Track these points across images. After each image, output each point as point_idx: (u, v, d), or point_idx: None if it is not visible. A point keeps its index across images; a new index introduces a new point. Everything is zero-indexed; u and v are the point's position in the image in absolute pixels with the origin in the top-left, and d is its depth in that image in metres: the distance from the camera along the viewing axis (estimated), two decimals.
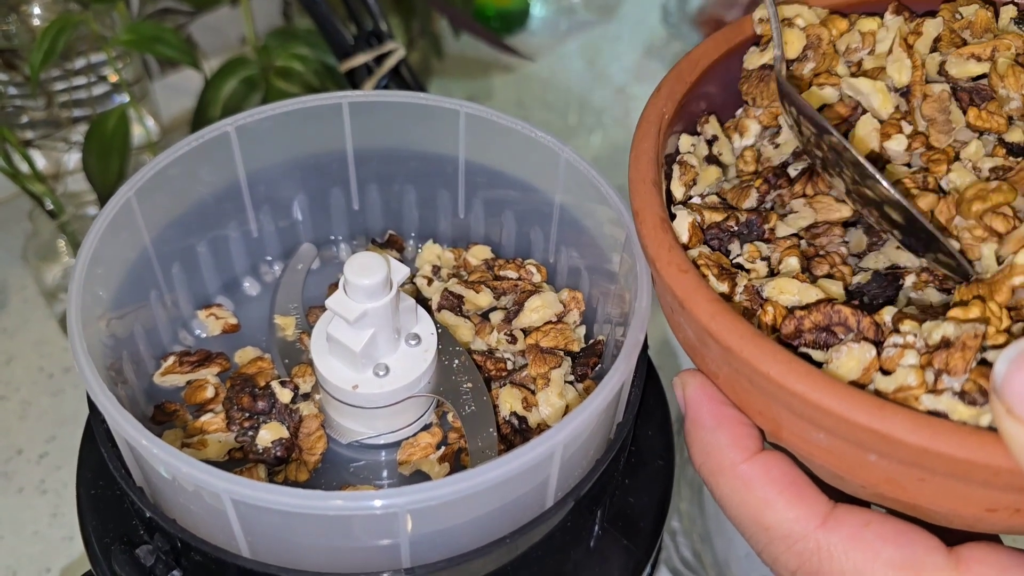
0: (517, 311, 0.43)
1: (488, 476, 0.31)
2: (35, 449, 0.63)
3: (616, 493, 0.40)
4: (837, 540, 0.30)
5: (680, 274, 0.31)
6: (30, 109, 0.66)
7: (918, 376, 0.28)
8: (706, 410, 0.32)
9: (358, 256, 0.37)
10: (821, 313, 0.31)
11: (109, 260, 0.38)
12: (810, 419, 0.28)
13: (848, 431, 0.27)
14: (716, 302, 0.30)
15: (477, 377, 0.40)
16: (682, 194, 0.37)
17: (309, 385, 0.41)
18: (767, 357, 0.28)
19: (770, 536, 0.31)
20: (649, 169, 0.34)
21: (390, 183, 0.47)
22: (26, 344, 0.68)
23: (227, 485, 0.30)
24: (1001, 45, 0.36)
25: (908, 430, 0.26)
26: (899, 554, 0.29)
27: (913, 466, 0.27)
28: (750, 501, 0.31)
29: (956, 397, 0.28)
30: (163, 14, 0.72)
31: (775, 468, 0.31)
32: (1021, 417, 0.25)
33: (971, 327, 0.28)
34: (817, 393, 0.27)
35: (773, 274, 0.34)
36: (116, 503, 0.38)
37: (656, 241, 0.32)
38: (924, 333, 0.29)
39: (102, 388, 0.33)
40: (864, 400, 0.27)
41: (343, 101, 0.44)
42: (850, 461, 0.29)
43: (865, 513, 0.30)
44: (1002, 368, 0.26)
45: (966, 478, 0.27)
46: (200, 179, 0.42)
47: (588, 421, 0.33)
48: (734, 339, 0.29)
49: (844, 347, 0.30)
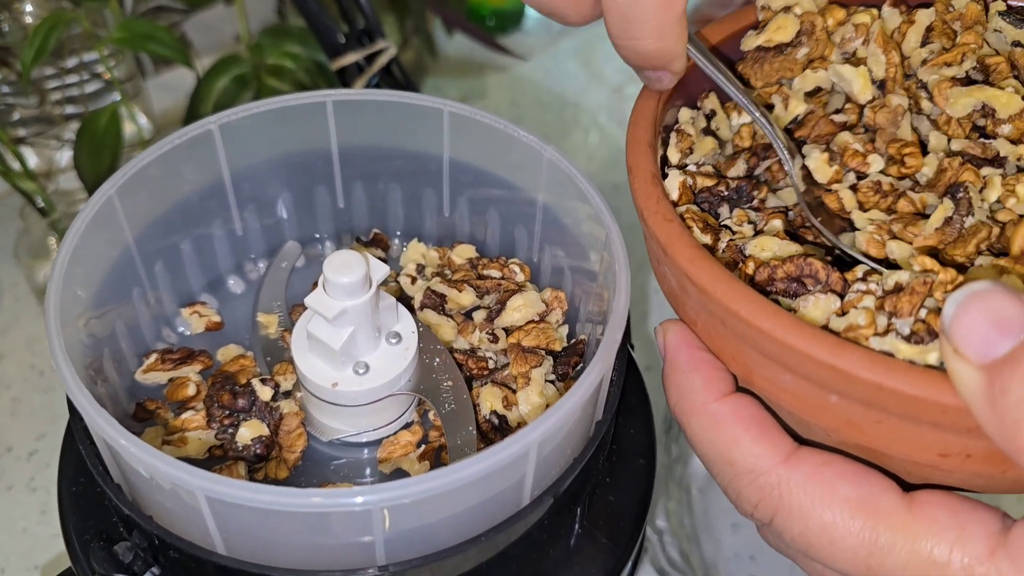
0: (499, 310, 0.43)
1: (463, 474, 0.31)
2: (25, 447, 0.63)
3: (596, 491, 0.40)
4: (797, 476, 0.31)
5: (665, 223, 0.33)
6: (22, 106, 0.67)
7: (867, 316, 0.30)
8: (683, 354, 0.34)
9: (337, 254, 0.37)
10: (794, 264, 0.32)
11: (90, 258, 0.39)
12: (776, 359, 0.30)
13: (810, 369, 0.29)
14: (696, 248, 0.32)
15: (458, 375, 0.40)
16: (677, 159, 0.38)
17: (290, 383, 0.41)
18: (738, 297, 0.30)
19: (735, 471, 0.32)
20: (646, 132, 0.37)
21: (375, 181, 0.47)
22: (17, 342, 0.68)
23: (201, 482, 0.30)
24: (963, 51, 0.37)
25: (863, 367, 0.28)
26: (855, 492, 0.30)
27: (870, 406, 0.29)
28: (718, 438, 0.33)
29: (901, 338, 0.29)
30: (157, 12, 0.72)
31: (744, 408, 0.33)
32: (966, 356, 0.26)
33: (922, 274, 0.30)
34: (781, 331, 0.29)
35: (759, 235, 0.35)
36: (97, 500, 0.38)
37: (646, 193, 0.34)
38: (882, 281, 0.31)
39: (78, 385, 0.33)
40: (824, 338, 0.29)
41: (327, 100, 0.44)
42: (814, 404, 0.31)
43: (826, 454, 0.31)
44: (950, 310, 0.27)
45: (917, 418, 0.28)
46: (184, 177, 0.43)
47: (564, 419, 0.33)
48: (709, 281, 0.31)
49: (812, 297, 0.31)
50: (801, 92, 0.39)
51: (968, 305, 0.27)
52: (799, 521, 0.31)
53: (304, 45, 0.69)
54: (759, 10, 0.40)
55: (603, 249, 0.39)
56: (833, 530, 0.30)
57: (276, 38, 0.70)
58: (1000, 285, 0.27)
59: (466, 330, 0.43)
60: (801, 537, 0.31)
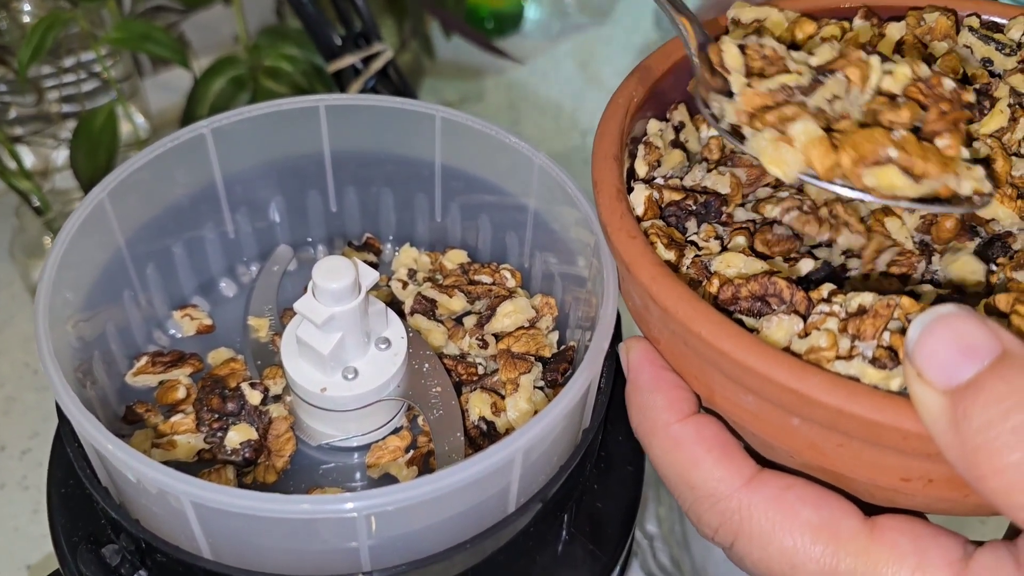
0: (490, 316, 0.43)
1: (448, 481, 0.31)
2: (18, 445, 0.63)
3: (584, 498, 0.40)
4: (758, 500, 0.31)
5: (628, 240, 0.33)
6: (19, 105, 0.67)
7: (829, 339, 0.29)
8: (646, 373, 0.34)
9: (326, 260, 0.37)
10: (758, 283, 0.32)
11: (80, 261, 0.39)
12: (738, 380, 0.30)
13: (771, 392, 0.29)
14: (659, 266, 0.32)
15: (446, 381, 0.40)
16: (645, 172, 0.38)
17: (280, 387, 0.41)
18: (700, 318, 0.30)
19: (695, 495, 0.32)
20: (612, 145, 0.36)
21: (367, 186, 0.47)
22: (11, 340, 0.68)
23: (187, 488, 0.30)
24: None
25: (825, 391, 0.27)
26: (816, 516, 0.30)
27: (832, 430, 0.29)
28: (679, 460, 0.32)
29: (866, 362, 0.29)
30: (155, 12, 0.72)
31: (705, 430, 0.32)
32: (930, 381, 0.26)
33: (886, 298, 0.30)
34: (742, 352, 0.29)
35: (725, 252, 0.35)
36: (85, 502, 0.38)
37: (610, 209, 0.34)
38: (846, 302, 0.30)
39: (66, 389, 0.33)
40: (785, 361, 0.28)
41: (320, 104, 0.44)
42: (776, 426, 0.30)
43: (788, 478, 0.31)
44: (915, 333, 0.27)
45: (879, 443, 0.28)
46: (176, 180, 0.43)
47: (550, 426, 0.33)
48: (671, 300, 0.30)
49: (775, 317, 0.31)
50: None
51: (933, 328, 0.26)
52: (760, 546, 0.31)
53: (301, 47, 0.69)
54: (729, 23, 0.40)
55: (592, 255, 0.39)
56: (794, 555, 0.30)
57: (274, 40, 0.70)
58: (967, 310, 0.26)
59: (456, 335, 0.43)
60: (762, 562, 0.31)
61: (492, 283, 0.45)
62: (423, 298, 0.44)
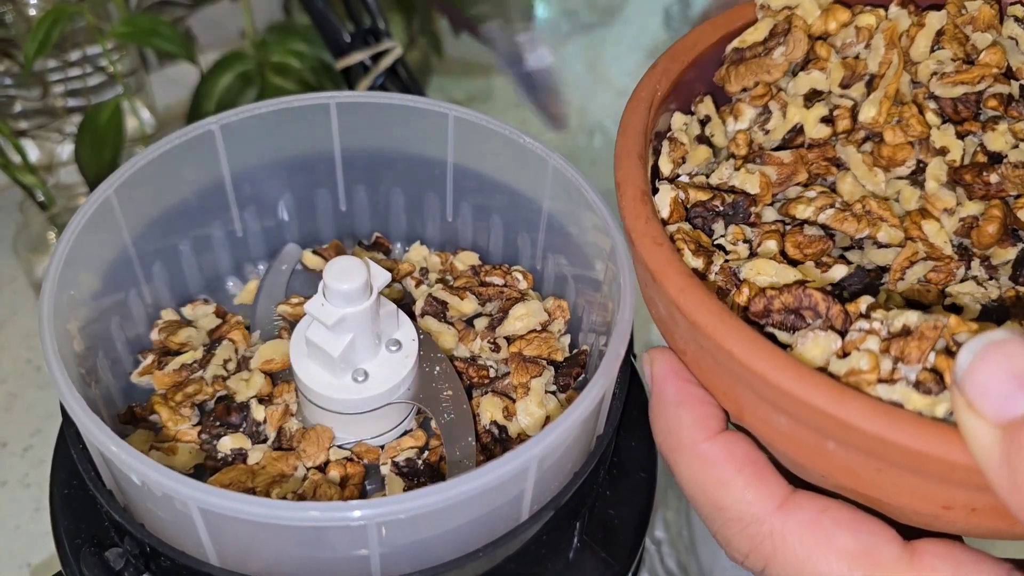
0: (501, 318, 0.42)
1: (461, 489, 0.30)
2: (20, 442, 0.62)
3: (596, 505, 0.39)
4: (793, 525, 0.29)
5: (654, 247, 0.31)
6: (24, 99, 0.66)
7: (871, 360, 0.28)
8: (671, 387, 0.32)
9: (337, 260, 0.36)
10: (792, 295, 0.30)
11: (86, 258, 0.38)
12: (771, 401, 0.28)
13: (807, 416, 0.27)
14: (686, 276, 0.30)
15: (458, 385, 0.40)
16: (669, 171, 0.36)
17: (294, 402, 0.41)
18: (731, 334, 0.28)
19: (724, 517, 0.30)
20: (636, 142, 0.34)
21: (378, 185, 0.46)
22: (14, 336, 0.68)
23: (194, 493, 0.30)
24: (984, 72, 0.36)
25: (866, 417, 0.26)
26: (855, 542, 0.29)
27: (871, 456, 0.27)
28: (707, 481, 0.30)
29: (911, 387, 0.27)
30: (161, 7, 0.72)
31: (736, 448, 0.31)
32: (981, 412, 0.24)
33: (932, 318, 0.28)
34: (778, 374, 0.27)
35: (754, 257, 0.34)
36: (89, 504, 0.38)
37: (634, 213, 0.32)
38: (888, 320, 0.29)
39: (70, 389, 0.32)
40: (823, 384, 0.26)
41: (331, 102, 0.43)
42: (810, 448, 0.29)
43: (823, 500, 0.29)
44: (965, 360, 0.25)
45: (922, 471, 0.26)
46: (184, 177, 0.42)
47: (565, 435, 0.32)
48: (700, 314, 0.29)
49: (811, 333, 0.29)
50: (798, 97, 0.37)
51: (985, 356, 0.25)
52: (793, 573, 0.29)
53: (310, 43, 0.69)
54: (758, 9, 0.39)
55: (608, 259, 0.38)
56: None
57: (282, 35, 0.70)
58: (1020, 335, 0.25)
59: (467, 338, 0.42)
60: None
61: (504, 285, 0.44)
62: (434, 300, 0.43)
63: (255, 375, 0.40)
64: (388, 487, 0.38)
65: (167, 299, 0.44)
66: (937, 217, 0.34)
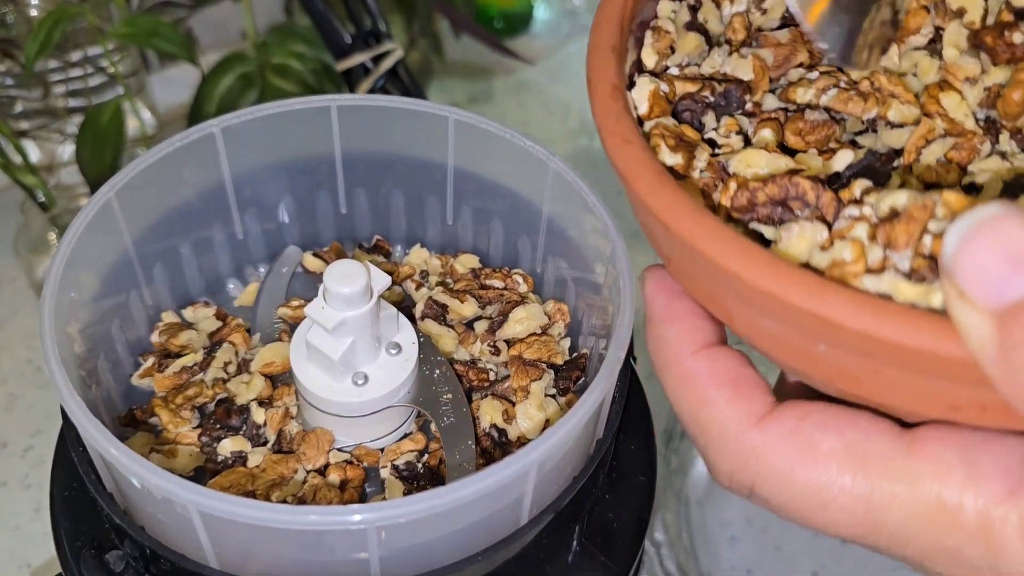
0: (501, 322, 0.42)
1: (460, 494, 0.30)
2: (20, 442, 0.62)
3: (595, 508, 0.39)
4: (772, 439, 0.27)
5: (623, 145, 0.28)
6: (25, 99, 0.66)
7: (855, 249, 0.25)
8: (659, 302, 0.30)
9: (338, 264, 0.36)
10: (777, 185, 0.27)
11: (87, 261, 0.38)
12: (752, 303, 0.26)
13: (789, 316, 0.25)
14: (658, 175, 0.27)
15: (458, 388, 0.40)
16: (654, 63, 0.32)
17: (294, 404, 0.41)
18: (703, 233, 0.25)
19: (707, 438, 0.28)
20: (610, 34, 0.31)
21: (378, 187, 0.47)
22: (15, 336, 0.68)
23: (194, 497, 0.30)
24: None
25: (849, 313, 0.23)
26: (839, 442, 0.26)
27: (864, 356, 0.25)
28: (690, 398, 0.28)
29: (901, 275, 0.24)
30: (163, 7, 0.72)
31: (720, 364, 0.28)
32: (974, 301, 0.21)
33: (922, 196, 0.24)
34: (753, 272, 0.24)
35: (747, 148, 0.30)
36: (89, 506, 0.38)
37: (604, 110, 0.29)
38: (877, 204, 0.26)
39: (72, 394, 0.32)
40: (802, 280, 0.24)
41: (332, 104, 0.43)
42: (801, 353, 0.26)
43: (805, 406, 0.27)
44: (952, 242, 0.22)
45: (920, 369, 0.24)
46: (185, 180, 0.42)
47: (564, 439, 0.32)
48: (671, 214, 0.26)
49: (795, 225, 0.26)
50: None
51: (975, 237, 0.22)
52: (782, 487, 0.27)
53: (311, 45, 0.69)
54: None
55: (608, 263, 0.39)
56: (822, 490, 0.26)
57: (283, 37, 0.70)
58: (1015, 210, 0.22)
59: (467, 341, 0.42)
60: (790, 504, 0.27)
61: (504, 288, 0.44)
62: (434, 303, 0.43)
63: (255, 378, 0.40)
64: (388, 490, 0.38)
65: (168, 301, 0.44)
66: (958, 88, 0.30)
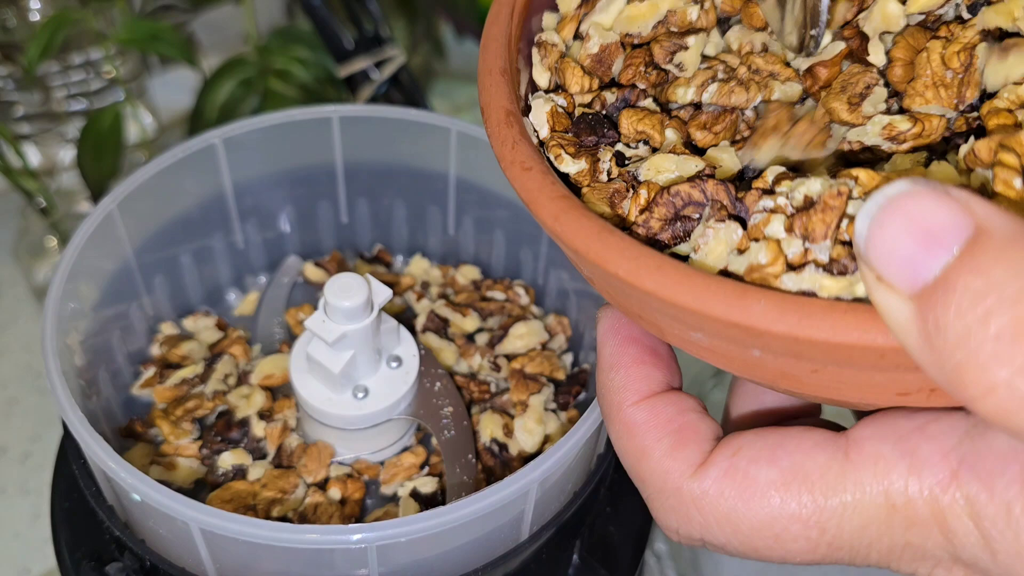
0: (502, 336, 0.42)
1: (461, 513, 0.30)
2: (19, 448, 0.62)
3: (596, 523, 0.39)
4: (710, 483, 0.26)
5: (523, 173, 0.27)
6: (26, 103, 0.66)
7: (770, 251, 0.23)
8: (607, 348, 0.29)
9: (339, 277, 0.36)
10: (662, 205, 0.26)
11: (89, 272, 0.38)
12: (676, 318, 0.24)
13: (715, 328, 0.23)
14: (561, 199, 0.26)
15: (459, 401, 0.40)
16: (547, 81, 0.30)
17: (294, 418, 0.40)
18: (614, 254, 0.24)
19: (648, 491, 0.27)
20: (498, 56, 0.29)
21: (380, 198, 0.46)
22: (14, 341, 0.68)
23: (195, 514, 0.30)
24: None
25: (770, 319, 0.22)
26: (776, 471, 0.25)
27: (797, 358, 0.23)
28: (629, 449, 0.27)
29: (820, 270, 0.23)
30: (164, 10, 0.72)
31: (661, 413, 0.27)
32: (893, 283, 0.20)
33: (836, 183, 0.23)
34: (668, 289, 0.23)
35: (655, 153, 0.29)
36: (89, 517, 0.38)
37: (499, 138, 0.28)
38: (791, 193, 0.24)
39: (73, 408, 0.32)
40: (720, 289, 0.23)
41: (334, 115, 0.43)
42: (739, 360, 0.25)
43: (737, 439, 0.26)
44: (863, 227, 0.21)
45: (856, 364, 0.23)
46: (186, 190, 0.42)
47: (565, 457, 0.32)
48: (580, 239, 0.25)
49: (709, 229, 0.25)
50: None
51: (883, 219, 0.21)
52: (731, 533, 0.26)
53: (313, 49, 0.68)
54: None
55: None
56: (772, 525, 0.25)
57: (285, 41, 0.69)
58: (922, 183, 0.20)
59: (468, 353, 0.42)
60: (745, 546, 0.26)
61: (505, 300, 0.44)
62: (436, 316, 0.43)
63: (255, 391, 0.40)
64: (402, 509, 0.38)
65: (168, 311, 0.44)
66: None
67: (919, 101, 0.26)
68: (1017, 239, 0.19)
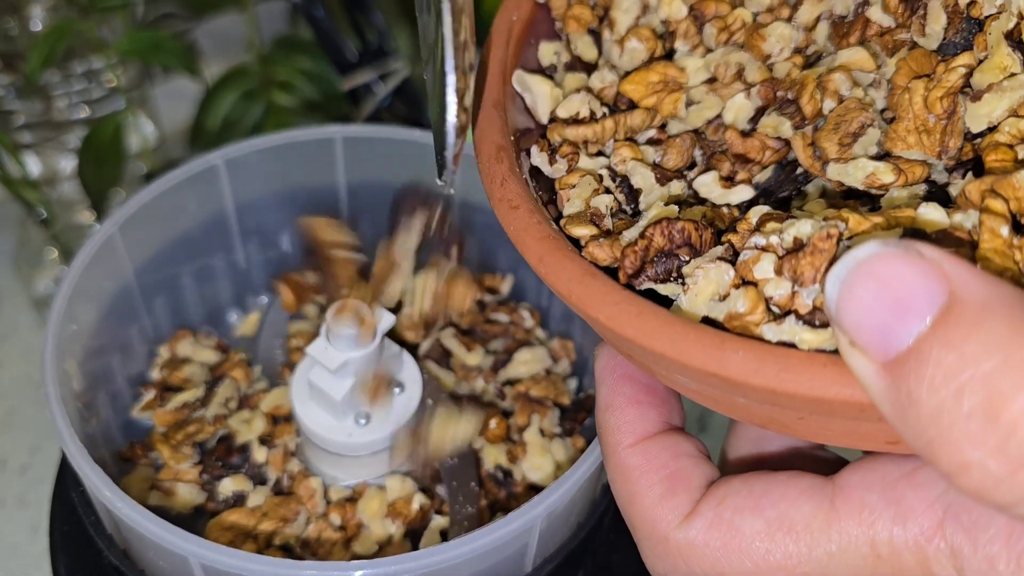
0: (506, 360, 0.42)
1: (464, 549, 0.30)
2: (18, 460, 0.62)
3: (600, 551, 0.39)
4: (696, 534, 0.26)
5: (510, 211, 0.26)
6: (27, 112, 0.66)
7: (749, 299, 0.23)
8: (604, 388, 0.29)
9: (341, 303, 0.36)
10: (633, 252, 0.25)
11: (89, 294, 0.38)
12: (659, 364, 0.24)
13: (697, 376, 0.23)
14: (546, 240, 0.25)
15: None
16: (548, 114, 0.30)
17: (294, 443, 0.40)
18: (595, 299, 0.24)
19: (638, 536, 0.27)
20: (493, 89, 0.29)
21: (382, 217, 0.46)
22: (13, 352, 0.67)
23: (196, 549, 0.30)
24: None
25: (748, 372, 0.22)
26: (761, 521, 0.25)
27: (781, 407, 0.23)
28: (623, 492, 0.27)
29: (801, 322, 0.22)
30: (166, 19, 0.71)
31: (656, 457, 0.27)
32: (865, 347, 0.20)
33: (827, 225, 0.23)
34: (648, 337, 0.23)
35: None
36: (88, 543, 0.37)
37: (489, 175, 0.27)
38: (782, 233, 0.24)
39: (73, 440, 0.32)
40: (699, 339, 0.22)
41: (337, 135, 0.43)
42: (725, 404, 0.25)
43: (723, 488, 0.26)
44: (833, 291, 0.20)
45: (840, 415, 0.22)
46: (188, 212, 0.42)
47: (571, 491, 0.32)
48: (562, 282, 0.25)
49: (698, 270, 0.24)
50: None
51: (853, 284, 0.20)
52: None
53: (316, 60, 0.68)
54: None
55: None
56: (759, 573, 0.25)
57: (287, 51, 0.69)
58: (895, 245, 0.20)
59: (470, 377, 0.42)
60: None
61: (509, 322, 0.44)
62: (440, 346, 0.42)
63: (256, 416, 0.40)
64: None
65: (169, 331, 0.44)
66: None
67: (901, 146, 0.26)
68: (991, 308, 0.19)
